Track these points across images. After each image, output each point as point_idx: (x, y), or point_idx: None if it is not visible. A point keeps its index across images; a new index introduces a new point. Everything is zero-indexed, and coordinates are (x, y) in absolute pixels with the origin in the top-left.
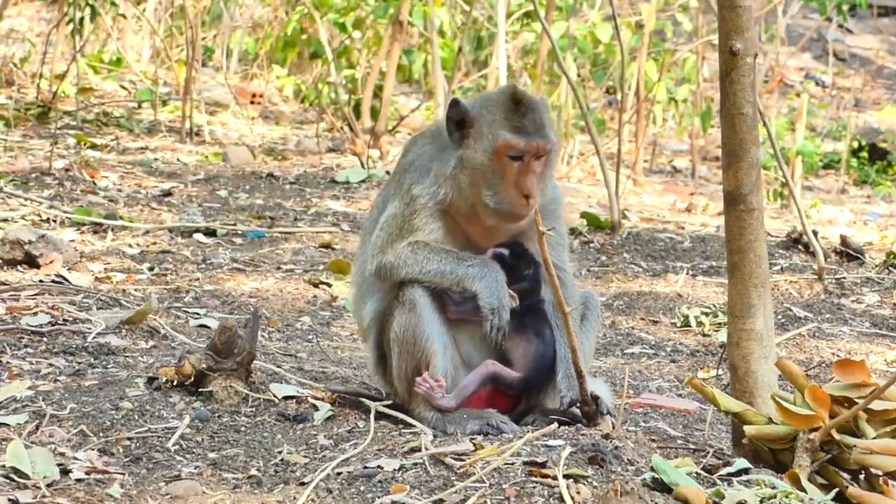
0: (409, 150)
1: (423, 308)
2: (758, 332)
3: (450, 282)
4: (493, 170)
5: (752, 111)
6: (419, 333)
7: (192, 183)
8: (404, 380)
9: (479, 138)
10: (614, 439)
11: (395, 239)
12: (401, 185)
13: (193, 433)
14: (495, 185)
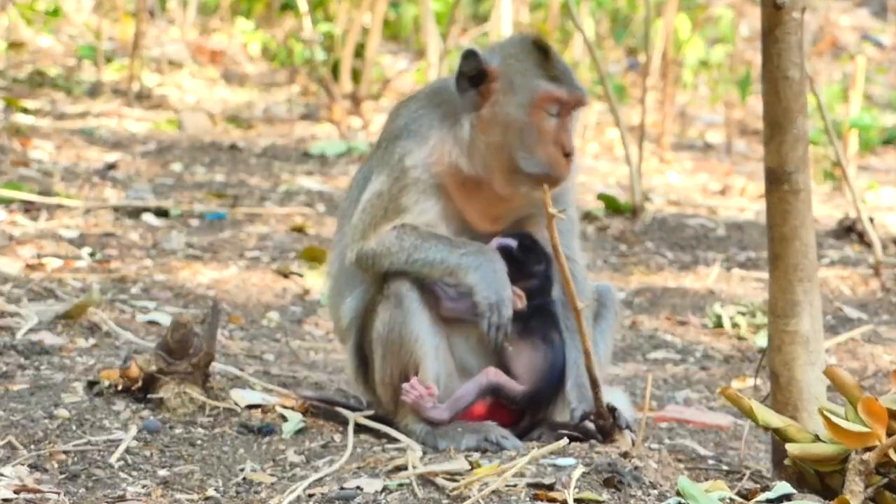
0: (398, 114)
1: (412, 303)
2: (803, 334)
3: (440, 272)
4: (530, 127)
5: (798, 75)
6: (407, 332)
7: (140, 154)
8: (389, 386)
9: (509, 92)
10: (634, 458)
11: (379, 222)
12: (389, 156)
13: (141, 446)
14: (531, 145)
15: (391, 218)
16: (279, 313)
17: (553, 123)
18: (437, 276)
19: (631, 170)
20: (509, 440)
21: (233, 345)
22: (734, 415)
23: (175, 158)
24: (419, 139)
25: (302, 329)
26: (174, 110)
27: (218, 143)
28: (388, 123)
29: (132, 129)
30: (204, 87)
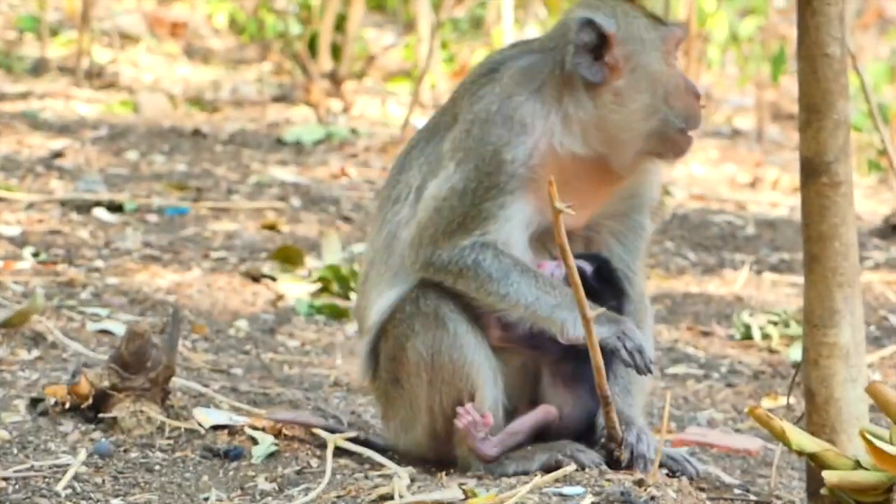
0: (482, 96)
1: (458, 326)
2: (843, 346)
3: (522, 315)
4: (670, 78)
5: (839, 52)
6: (459, 357)
7: (91, 141)
8: (439, 415)
9: (642, 51)
10: (650, 487)
11: (455, 230)
12: (478, 146)
13: (91, 472)
14: (676, 98)
15: (470, 227)
16: (248, 322)
17: (678, 70)
18: (513, 316)
19: None
20: (586, 454)
21: (196, 357)
22: (764, 438)
23: (130, 146)
24: (520, 129)
25: (274, 340)
26: (129, 91)
27: (179, 128)
28: (470, 104)
29: (81, 112)
30: (163, 65)
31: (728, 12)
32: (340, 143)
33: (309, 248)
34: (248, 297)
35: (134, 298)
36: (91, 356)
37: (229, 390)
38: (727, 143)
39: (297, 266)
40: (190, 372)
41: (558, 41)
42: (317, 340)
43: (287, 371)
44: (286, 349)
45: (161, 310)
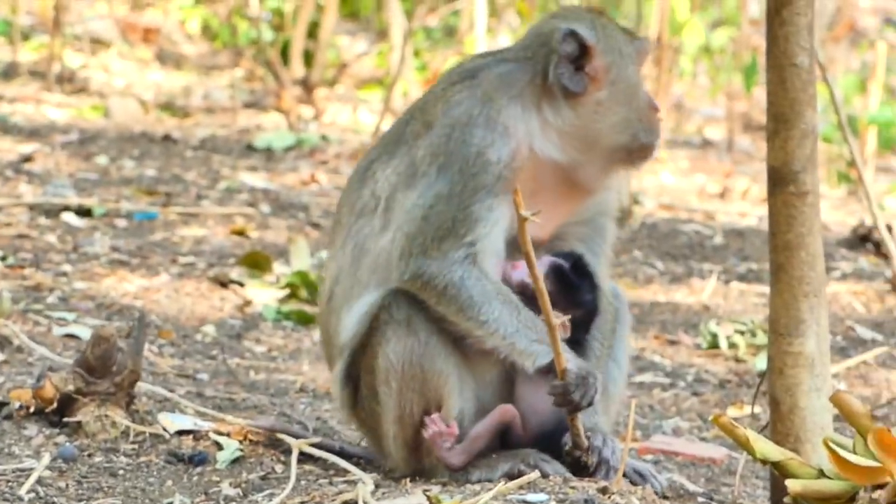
0: (455, 100)
1: (430, 335)
2: (808, 355)
3: (497, 345)
4: (643, 92)
5: (808, 62)
6: (429, 366)
7: (61, 145)
8: (409, 425)
9: (621, 64)
10: (614, 494)
11: (444, 236)
12: (460, 148)
13: (55, 476)
14: (645, 112)
15: (459, 232)
16: (216, 327)
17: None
18: (488, 345)
19: None
20: (550, 464)
21: (162, 362)
22: (729, 446)
23: (100, 150)
24: (502, 131)
25: (241, 345)
26: (100, 95)
27: (149, 133)
28: (447, 109)
29: (51, 116)
30: (134, 70)
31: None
32: (311, 150)
33: (277, 254)
34: (215, 302)
35: (101, 303)
36: (56, 360)
37: (195, 395)
38: (697, 153)
39: (266, 272)
40: (156, 377)
41: (536, 50)
42: (284, 346)
43: (253, 376)
44: (253, 355)
45: (128, 315)
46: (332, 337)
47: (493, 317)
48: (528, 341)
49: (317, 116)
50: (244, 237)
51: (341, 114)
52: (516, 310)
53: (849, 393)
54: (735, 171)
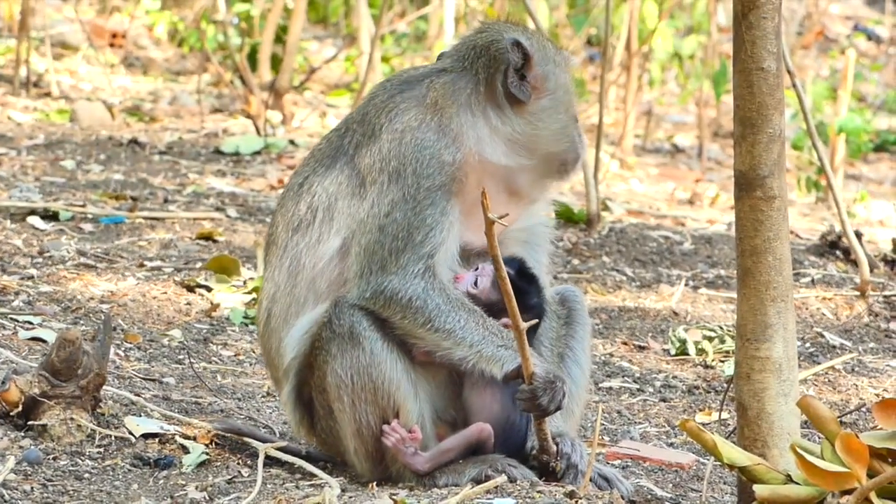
0: (397, 108)
1: (374, 344)
2: (775, 360)
3: (465, 356)
4: (574, 100)
5: (775, 66)
6: (379, 376)
7: (27, 149)
8: (368, 438)
9: (559, 73)
10: (580, 499)
11: (403, 247)
12: (414, 152)
13: (20, 480)
14: (574, 120)
15: (416, 240)
16: (182, 331)
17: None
18: (456, 356)
19: (586, 175)
20: (518, 469)
21: (128, 366)
22: (696, 452)
23: (67, 154)
24: (453, 135)
25: (208, 349)
26: (67, 99)
27: (116, 137)
28: (394, 116)
29: (18, 119)
30: (101, 74)
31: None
32: (278, 155)
33: (245, 258)
34: (182, 306)
35: (67, 307)
36: (21, 363)
37: (161, 399)
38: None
39: (233, 276)
40: (122, 380)
41: (474, 61)
42: (251, 350)
43: (220, 380)
44: (220, 359)
45: (95, 318)
46: (275, 359)
47: (459, 325)
48: (494, 347)
49: (284, 121)
50: (211, 241)
51: (309, 119)
52: (481, 318)
53: (816, 398)
54: (704, 178)
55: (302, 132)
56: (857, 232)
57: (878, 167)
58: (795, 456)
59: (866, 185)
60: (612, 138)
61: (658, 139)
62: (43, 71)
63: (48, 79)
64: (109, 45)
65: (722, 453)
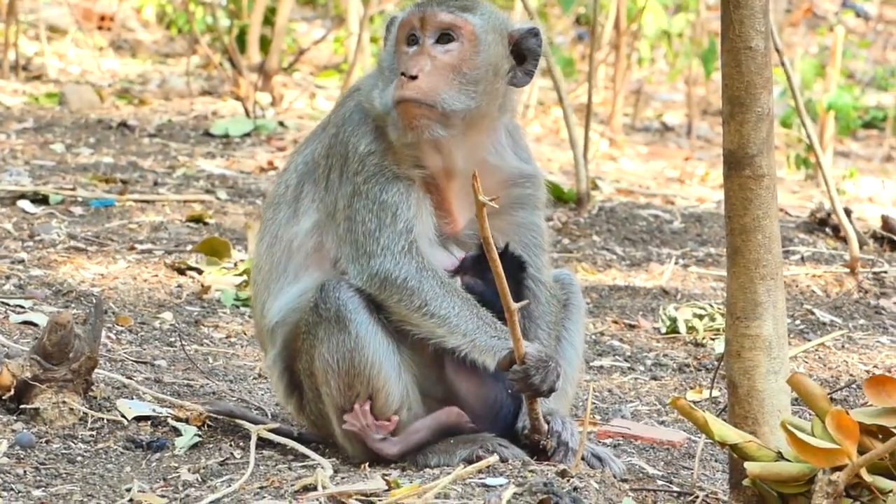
0: (340, 104)
1: (359, 326)
2: (765, 338)
3: (458, 343)
4: (390, 66)
5: (763, 45)
6: (361, 360)
7: (16, 133)
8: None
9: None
10: (573, 478)
11: (377, 228)
12: (341, 148)
13: (13, 463)
14: (388, 81)
15: (387, 222)
16: (173, 313)
17: (410, 53)
18: (449, 344)
19: (576, 154)
20: (509, 449)
21: (120, 349)
22: (687, 430)
23: (56, 138)
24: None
25: (199, 332)
26: (56, 83)
27: (106, 120)
28: (336, 109)
29: (7, 103)
30: (90, 57)
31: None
32: (268, 137)
33: (235, 240)
34: (173, 288)
35: (58, 290)
36: (13, 347)
37: (153, 382)
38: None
39: (224, 258)
40: (114, 363)
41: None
42: (242, 332)
43: (212, 363)
44: (211, 341)
45: (86, 302)
46: (259, 322)
47: (453, 312)
48: (487, 338)
49: (274, 103)
50: (202, 224)
51: (298, 100)
52: (474, 306)
53: (807, 376)
54: (694, 156)
55: (291, 114)
56: (846, 209)
57: (866, 144)
58: (786, 433)
59: (855, 161)
60: (601, 117)
61: (647, 118)
62: (32, 54)
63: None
64: (98, 28)
65: (713, 431)
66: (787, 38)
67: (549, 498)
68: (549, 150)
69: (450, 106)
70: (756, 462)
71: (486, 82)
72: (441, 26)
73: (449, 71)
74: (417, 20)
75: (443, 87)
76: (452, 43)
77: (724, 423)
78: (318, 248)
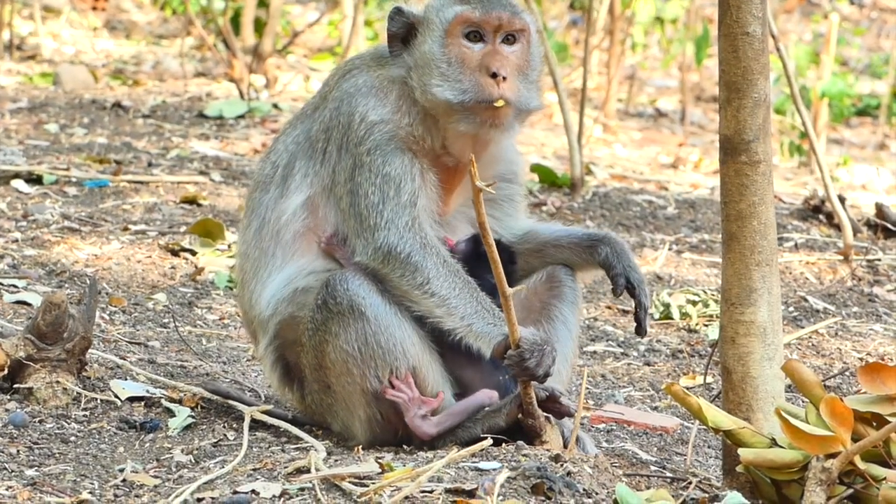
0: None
1: (377, 310)
2: (760, 325)
3: (455, 326)
4: (450, 58)
5: (760, 31)
6: (388, 341)
7: (10, 112)
8: (382, 402)
9: (428, 31)
10: (566, 462)
11: (381, 205)
12: (345, 120)
13: (6, 443)
14: (454, 74)
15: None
16: (167, 295)
17: (477, 50)
18: (446, 325)
19: (570, 139)
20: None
21: (113, 329)
22: (681, 416)
23: (50, 118)
24: (375, 95)
25: (193, 313)
26: (50, 63)
27: (100, 100)
28: (335, 83)
29: (1, 83)
30: (84, 37)
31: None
32: (262, 119)
33: (229, 222)
34: (167, 270)
35: (52, 270)
36: (7, 327)
37: (147, 363)
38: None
39: (217, 240)
40: (107, 344)
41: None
42: (235, 314)
43: (205, 344)
44: (205, 322)
45: (79, 282)
46: (248, 312)
47: (453, 293)
48: (484, 324)
49: (268, 85)
50: (195, 205)
51: (293, 82)
52: (475, 290)
53: (801, 362)
54: (687, 142)
55: (285, 96)
56: (840, 196)
57: (860, 131)
58: (780, 420)
59: (849, 149)
60: (595, 102)
61: (641, 103)
62: (26, 34)
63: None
64: (92, 9)
65: (707, 417)
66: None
67: (543, 482)
68: (543, 134)
69: (526, 106)
70: (750, 448)
71: (539, 81)
72: (511, 28)
73: (517, 72)
74: (494, 22)
75: (522, 88)
76: (516, 44)
77: (718, 410)
78: (308, 230)
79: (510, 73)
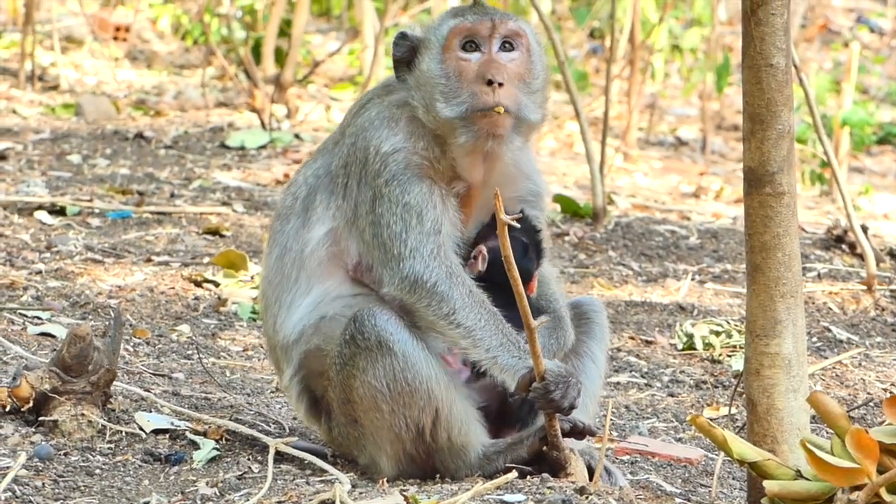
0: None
1: (404, 346)
2: (785, 356)
3: (480, 357)
4: (448, 73)
5: (784, 62)
6: (414, 378)
7: (33, 143)
8: (409, 440)
9: (427, 50)
10: (591, 495)
11: (405, 234)
12: (360, 153)
13: (31, 476)
14: (453, 88)
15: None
16: (191, 326)
17: (474, 60)
18: (472, 357)
19: (592, 168)
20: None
21: (137, 361)
22: (705, 447)
23: (73, 149)
24: (391, 122)
25: (217, 344)
26: (72, 93)
27: (122, 131)
28: (351, 118)
29: (24, 114)
30: (106, 68)
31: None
32: (284, 149)
33: (252, 252)
34: (190, 301)
35: (76, 301)
36: (32, 359)
37: (171, 395)
38: (671, 152)
39: (240, 270)
40: (131, 376)
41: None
42: (259, 345)
43: (229, 376)
44: (228, 354)
45: (103, 313)
46: (272, 338)
47: (479, 325)
48: (509, 357)
49: (289, 115)
50: (218, 236)
51: (314, 112)
52: (500, 322)
53: (826, 394)
54: (709, 171)
55: (307, 126)
56: (863, 226)
57: (881, 160)
58: (806, 452)
59: (870, 178)
60: (615, 131)
61: (661, 132)
62: (48, 65)
63: (53, 72)
64: (113, 39)
65: (732, 449)
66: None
67: None
68: (564, 164)
69: (526, 115)
70: (775, 480)
71: (543, 91)
72: (506, 32)
73: (517, 79)
74: (486, 27)
75: (520, 96)
76: (514, 52)
77: (744, 441)
78: (333, 257)
79: (508, 80)
